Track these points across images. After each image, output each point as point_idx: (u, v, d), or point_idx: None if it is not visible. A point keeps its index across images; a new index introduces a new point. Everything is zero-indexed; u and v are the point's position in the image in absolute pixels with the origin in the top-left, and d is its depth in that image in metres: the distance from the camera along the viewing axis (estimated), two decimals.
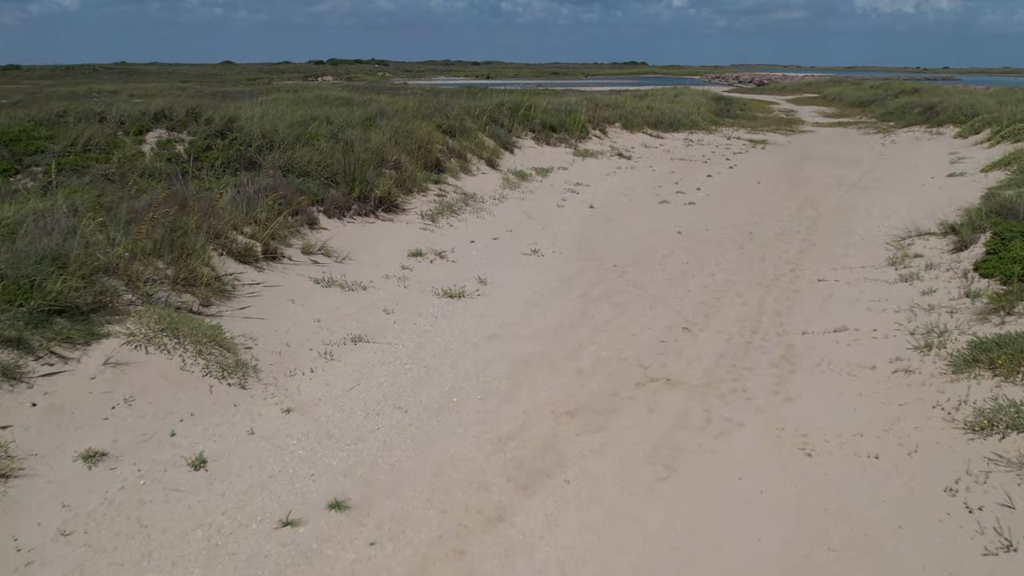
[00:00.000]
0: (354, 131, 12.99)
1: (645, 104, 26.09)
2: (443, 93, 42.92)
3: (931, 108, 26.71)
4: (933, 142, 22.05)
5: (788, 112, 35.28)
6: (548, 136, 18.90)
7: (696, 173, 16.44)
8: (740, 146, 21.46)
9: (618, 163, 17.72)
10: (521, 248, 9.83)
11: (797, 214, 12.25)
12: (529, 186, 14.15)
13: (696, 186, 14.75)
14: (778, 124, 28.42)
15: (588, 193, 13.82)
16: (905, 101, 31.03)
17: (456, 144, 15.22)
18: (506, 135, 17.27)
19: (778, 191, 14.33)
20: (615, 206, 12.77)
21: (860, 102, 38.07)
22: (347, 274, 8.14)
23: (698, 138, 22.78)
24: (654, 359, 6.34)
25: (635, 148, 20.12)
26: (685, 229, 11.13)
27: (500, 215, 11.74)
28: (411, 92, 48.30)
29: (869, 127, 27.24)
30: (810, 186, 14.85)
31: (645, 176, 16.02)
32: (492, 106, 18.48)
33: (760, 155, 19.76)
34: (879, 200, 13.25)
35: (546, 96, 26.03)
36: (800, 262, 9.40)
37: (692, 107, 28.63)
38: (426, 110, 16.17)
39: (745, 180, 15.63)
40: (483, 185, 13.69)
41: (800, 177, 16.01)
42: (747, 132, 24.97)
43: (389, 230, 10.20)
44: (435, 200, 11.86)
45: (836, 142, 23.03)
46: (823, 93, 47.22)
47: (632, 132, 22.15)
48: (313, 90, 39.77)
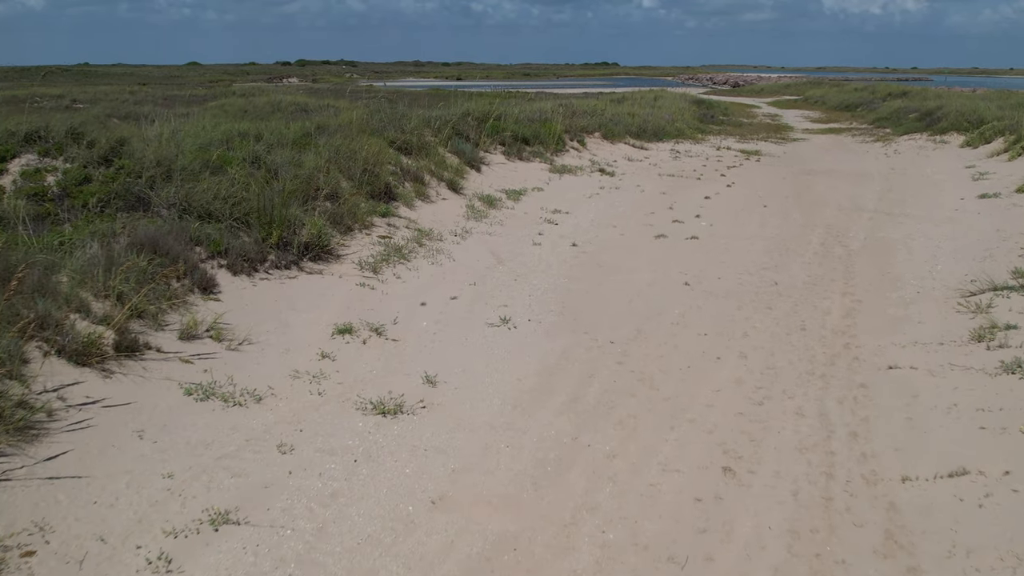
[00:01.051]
0: (283, 152, 10.53)
1: (625, 110, 23.83)
2: (404, 99, 40.47)
3: (930, 114, 24.70)
4: (940, 152, 19.99)
5: (773, 117, 33.22)
6: (520, 150, 16.54)
7: (691, 193, 14.16)
8: (733, 158, 19.24)
9: (600, 181, 15.40)
10: (487, 314, 7.45)
11: (823, 252, 9.99)
12: (498, 215, 11.76)
13: (694, 212, 12.46)
14: (766, 131, 26.29)
15: (569, 223, 11.47)
16: (897, 106, 29.06)
17: (412, 164, 12.82)
18: (472, 150, 14.88)
19: (790, 218, 12.08)
20: (603, 243, 10.42)
21: (845, 105, 36.15)
22: (239, 372, 5.71)
23: (685, 149, 20.53)
24: (691, 544, 3.99)
25: (618, 162, 17.81)
26: (693, 277, 8.82)
27: (462, 259, 9.35)
28: (374, 95, 45.75)
29: (864, 134, 25.18)
30: (826, 212, 12.62)
31: (633, 198, 13.70)
32: (457, 116, 16.08)
33: (757, 169, 17.55)
34: (914, 231, 11.05)
35: (518, 102, 23.76)
36: (852, 331, 7.11)
37: (675, 112, 26.44)
38: (377, 123, 13.72)
39: (749, 203, 13.38)
40: (443, 215, 11.29)
41: (810, 199, 13.79)
42: (736, 141, 22.78)
43: (315, 289, 7.77)
44: (381, 241, 9.43)
45: (835, 152, 20.90)
46: (804, 95, 45.31)
47: (613, 143, 19.85)
48: (270, 94, 37.08)
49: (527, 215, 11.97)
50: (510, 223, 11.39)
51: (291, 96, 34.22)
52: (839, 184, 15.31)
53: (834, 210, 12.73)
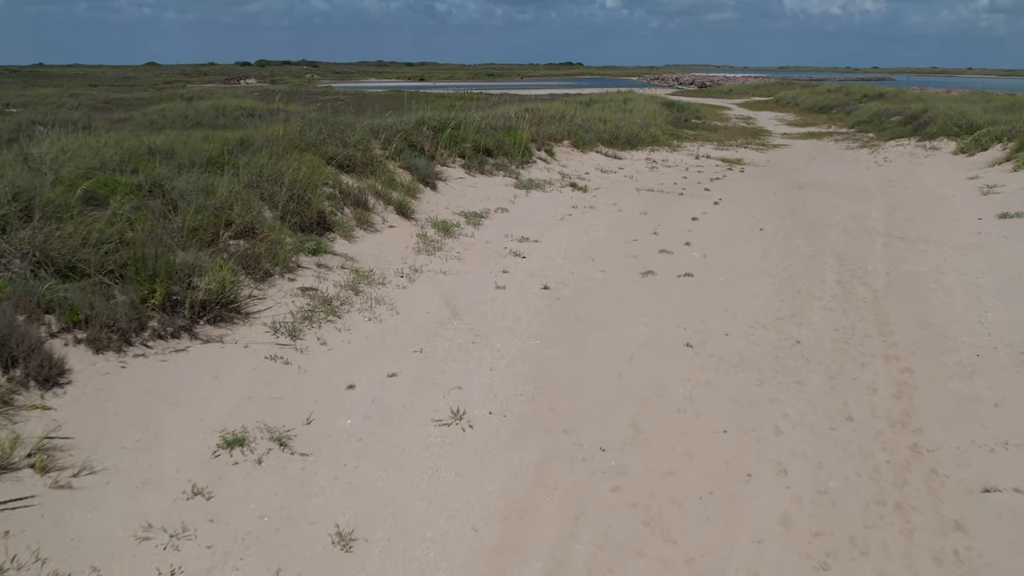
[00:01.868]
0: (191, 177, 8.58)
1: (595, 115, 22.09)
2: (362, 102, 38.51)
3: (915, 118, 23.31)
4: (934, 161, 18.52)
5: (747, 120, 31.74)
6: (482, 162, 14.70)
7: (675, 213, 12.44)
8: (714, 168, 17.58)
9: (572, 198, 13.62)
10: (434, 403, 5.60)
11: (844, 293, 8.29)
12: (455, 246, 9.92)
13: (682, 238, 10.73)
14: (744, 136, 24.74)
15: (539, 256, 9.66)
16: (876, 108, 27.70)
17: (355, 183, 10.92)
18: (427, 165, 13.01)
19: (793, 246, 10.40)
20: (580, 283, 8.62)
21: (820, 107, 34.84)
22: (54, 537, 3.80)
23: (662, 158, 18.83)
24: None
25: (590, 174, 16.05)
26: (695, 334, 7.05)
27: (408, 311, 7.48)
28: (331, 97, 43.70)
29: (847, 139, 23.73)
30: (831, 236, 10.96)
31: (611, 220, 11.93)
32: (410, 125, 14.20)
33: (743, 181, 15.89)
34: (941, 263, 9.41)
35: (480, 106, 21.98)
36: (913, 422, 5.39)
37: (647, 116, 24.79)
38: (315, 135, 11.78)
39: (742, 225, 11.68)
40: (389, 248, 9.42)
41: (810, 219, 12.13)
42: (715, 148, 21.15)
43: (208, 367, 5.86)
44: (303, 293, 7.52)
45: (821, 160, 19.35)
46: (775, 97, 44.01)
47: (584, 152, 18.09)
48: (217, 97, 34.86)
49: (489, 245, 10.14)
50: (469, 256, 9.54)
51: (239, 100, 32.02)
52: (837, 200, 13.69)
53: (840, 233, 11.07)
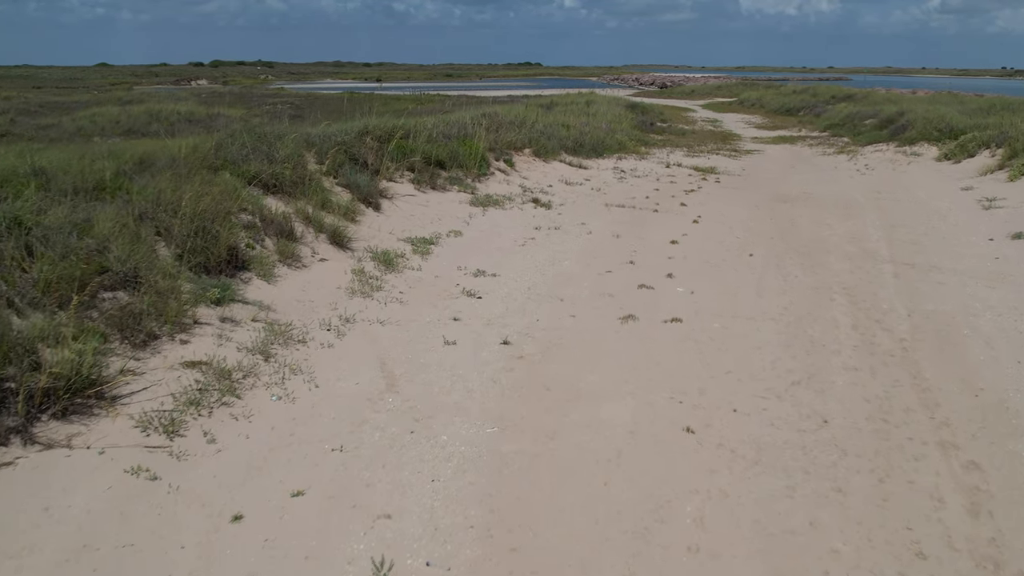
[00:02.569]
0: (61, 210, 6.85)
1: (557, 119, 20.60)
2: (314, 104, 36.62)
3: (891, 121, 22.22)
4: (919, 168, 17.34)
5: (713, 123, 30.53)
6: (434, 176, 13.10)
7: (651, 235, 10.98)
8: (687, 179, 16.18)
9: (535, 217, 12.09)
10: (350, 548, 3.95)
11: (865, 344, 6.86)
12: (398, 284, 8.31)
13: (663, 267, 9.25)
14: (713, 141, 23.45)
15: (497, 297, 8.10)
16: (847, 111, 26.64)
17: (281, 208, 9.27)
18: (370, 181, 11.37)
19: (791, 277, 8.97)
20: (548, 334, 7.07)
21: (787, 109, 33.82)
22: None
23: (630, 167, 17.39)
24: None
25: (554, 187, 14.53)
26: (696, 412, 5.54)
27: (330, 383, 5.87)
28: (282, 99, 41.70)
29: (821, 143, 22.54)
30: (832, 263, 9.56)
31: (580, 245, 10.42)
32: (353, 135, 12.55)
33: (720, 194, 14.50)
34: (965, 298, 8.03)
35: (436, 108, 20.43)
36: (1003, 560, 3.95)
37: (612, 120, 23.40)
38: (236, 150, 10.07)
39: (727, 249, 10.25)
40: (316, 290, 7.79)
41: (802, 241, 10.74)
42: (685, 155, 19.78)
43: (38, 494, 4.19)
44: (192, 367, 5.84)
45: (800, 168, 18.07)
46: (739, 98, 42.99)
47: (547, 161, 16.58)
48: (156, 101, 32.73)
49: (439, 281, 8.55)
50: (414, 298, 7.95)
51: (178, 104, 29.97)
52: (827, 216, 12.34)
53: (840, 260, 9.68)
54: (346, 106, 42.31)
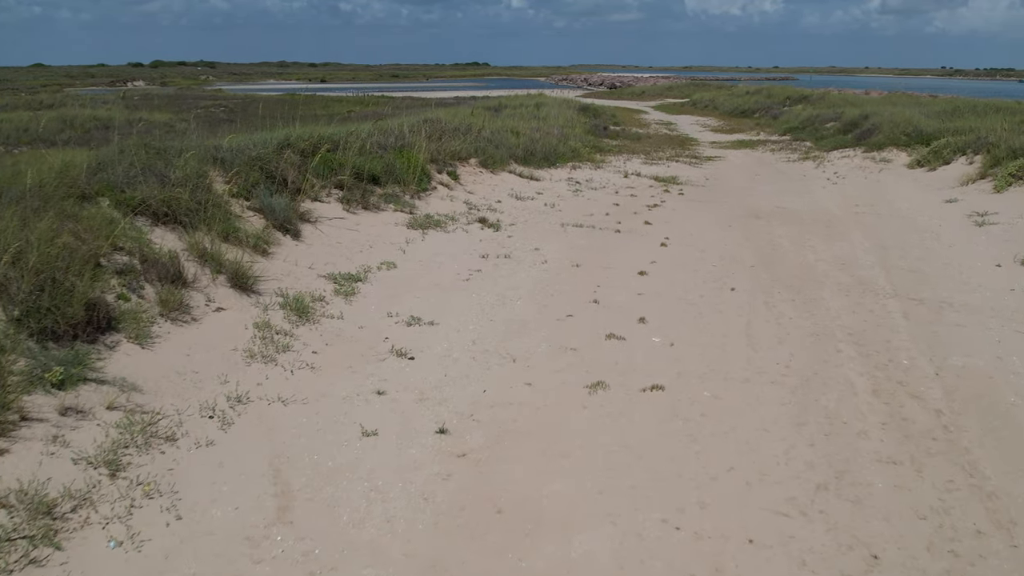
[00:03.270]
0: None
1: (506, 125, 19.05)
2: (250, 107, 34.47)
3: (855, 125, 21.17)
4: (891, 176, 16.22)
5: (668, 126, 29.32)
6: (367, 194, 11.45)
7: (616, 263, 9.51)
8: (648, 191, 14.79)
9: (482, 241, 10.54)
10: None
11: (895, 421, 5.44)
12: (312, 339, 6.67)
13: (634, 309, 7.77)
14: (671, 146, 22.16)
15: (434, 356, 6.52)
16: (806, 113, 25.61)
17: (173, 242, 7.56)
18: (288, 204, 9.68)
19: (784, 318, 7.55)
20: (498, 416, 5.51)
21: (741, 111, 32.82)
22: None
23: (586, 177, 15.94)
24: None
25: (503, 203, 12.98)
26: (701, 547, 4.00)
27: (197, 512, 4.21)
28: (215, 103, 39.46)
29: (783, 148, 21.40)
30: (826, 298, 8.18)
31: (535, 279, 8.88)
32: (271, 149, 10.83)
33: (687, 209, 13.11)
34: (996, 346, 6.68)
35: (380, 110, 18.77)
36: None
37: (563, 125, 21.97)
38: (123, 171, 8.29)
39: (705, 281, 8.82)
40: (205, 355, 6.11)
41: (788, 268, 9.37)
42: (643, 163, 18.41)
43: None
44: (14, 481, 4.14)
45: (766, 177, 16.81)
46: (691, 99, 41.97)
47: (495, 172, 15.03)
48: (72, 105, 30.35)
49: (363, 334, 6.94)
50: (330, 360, 6.33)
51: (97, 109, 27.69)
52: (808, 236, 11.02)
53: (836, 294, 8.31)
54: (296, 107, 40.33)
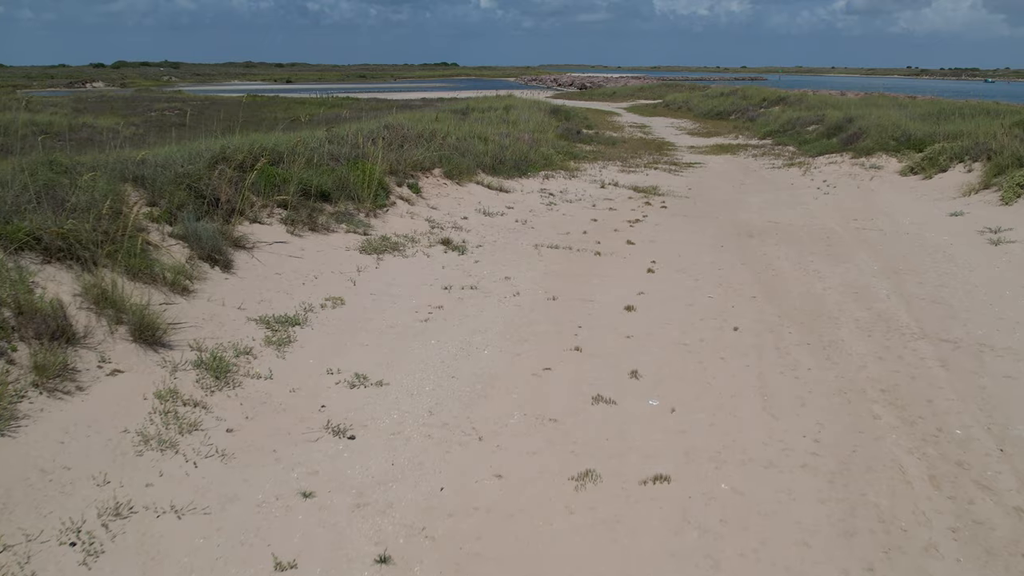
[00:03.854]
0: None
1: (474, 131, 17.72)
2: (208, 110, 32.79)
3: (840, 129, 20.12)
4: (885, 185, 15.15)
5: (643, 129, 28.16)
6: (315, 214, 10.07)
7: (598, 295, 8.23)
8: (628, 202, 13.55)
9: (445, 268, 9.21)
10: None
11: (963, 523, 4.20)
12: (228, 411, 5.29)
13: (624, 359, 6.49)
14: (648, 151, 20.97)
15: (380, 433, 5.17)
16: (786, 116, 24.57)
17: (62, 284, 6.13)
18: (218, 231, 8.28)
19: (802, 370, 6.31)
20: (457, 525, 4.16)
21: (717, 113, 31.78)
22: None
23: (560, 187, 14.66)
24: None
25: (470, 220, 11.66)
26: None
27: None
28: (172, 105, 37.68)
29: (766, 153, 20.28)
30: (845, 340, 6.95)
31: (505, 318, 7.56)
32: (202, 164, 9.41)
33: (672, 225, 11.89)
34: None
35: (339, 114, 17.39)
36: None
37: (534, 129, 20.69)
38: (12, 196, 6.83)
39: (702, 318, 7.56)
40: (83, 440, 4.70)
41: (794, 301, 8.15)
42: (620, 170, 17.18)
43: None
44: None
45: (752, 185, 15.66)
46: (664, 100, 40.92)
47: (461, 184, 13.70)
48: (31, 108, 28.49)
49: (295, 399, 5.58)
50: (248, 442, 4.96)
51: (37, 114, 25.90)
52: (809, 257, 9.83)
53: (856, 335, 7.10)
54: (255, 110, 38.63)
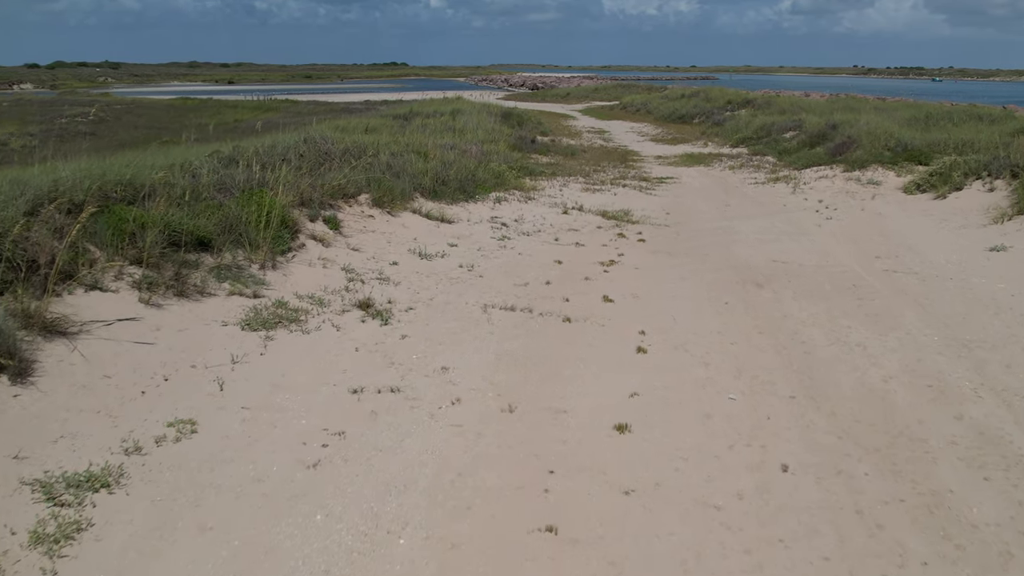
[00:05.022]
0: None
1: (414, 142, 15.06)
2: (131, 115, 29.53)
3: (825, 137, 17.91)
4: (887, 204, 12.91)
5: (602, 135, 25.75)
6: (184, 272, 7.31)
7: (574, 403, 5.66)
8: (597, 234, 11.05)
9: (359, 351, 6.55)
10: None
11: None
12: None
13: (627, 553, 3.96)
14: (611, 162, 18.52)
15: None
16: (760, 121, 22.33)
17: None
18: (13, 313, 5.52)
19: (912, 564, 3.88)
20: None
21: (679, 117, 29.55)
22: None
23: (514, 214, 12.11)
24: None
25: (401, 267, 9.01)
26: None
27: None
28: (84, 113, 34.06)
29: (744, 165, 17.96)
30: (951, 484, 4.53)
31: (436, 459, 4.92)
32: (16, 212, 6.61)
33: (656, 269, 9.40)
34: None
35: (269, 118, 14.68)
36: None
37: (484, 138, 18.12)
38: None
39: (731, 450, 5.05)
40: None
41: (849, 403, 5.69)
42: (583, 187, 14.69)
43: None
44: None
45: (739, 208, 13.28)
46: (621, 102, 38.61)
47: (393, 214, 11.05)
48: None
49: None
50: None
51: None
52: (841, 318, 7.40)
53: (970, 480, 4.66)
54: (170, 116, 35.07)
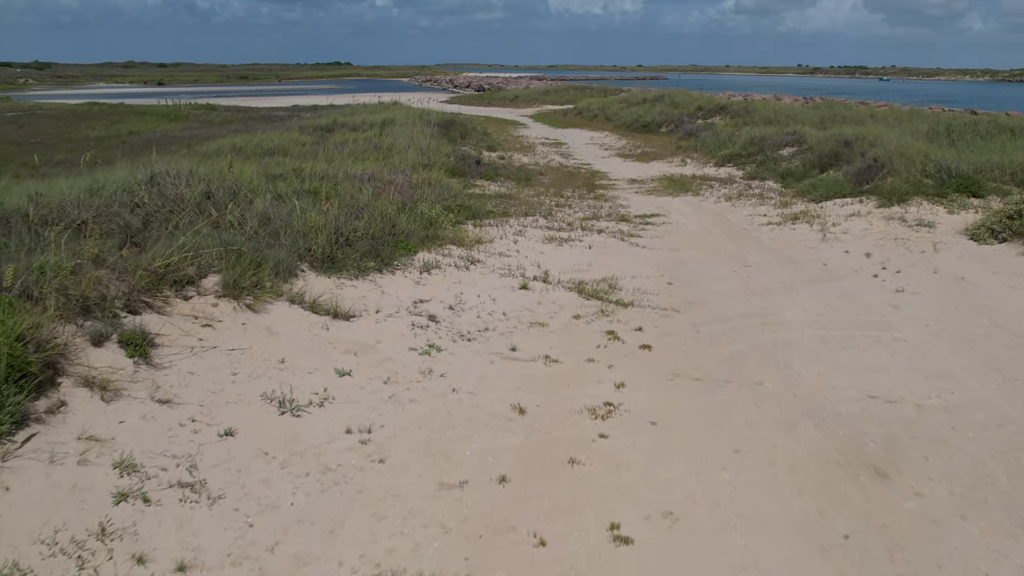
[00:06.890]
0: None
1: (318, 172, 10.93)
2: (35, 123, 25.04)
3: (835, 156, 14.24)
4: (960, 259, 9.23)
5: (559, 147, 21.79)
6: None
7: None
8: (573, 332, 7.04)
9: None
10: None
11: None
12: None
13: None
14: (576, 190, 14.56)
15: None
16: (748, 136, 18.54)
17: None
18: None
19: None
20: None
21: (644, 125, 25.77)
22: None
23: (449, 295, 8.05)
24: None
25: (235, 443, 4.86)
26: None
27: None
28: None
29: (740, 193, 14.14)
30: None
31: None
32: None
33: (681, 418, 5.44)
34: None
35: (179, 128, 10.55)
36: None
37: (417, 160, 14.09)
38: None
39: None
40: None
41: None
42: (545, 235, 10.70)
43: None
44: None
45: (766, 271, 9.43)
46: (576, 107, 34.72)
47: (256, 307, 6.89)
48: None
49: None
50: None
51: None
52: None
53: None
54: (62, 126, 30.17)
